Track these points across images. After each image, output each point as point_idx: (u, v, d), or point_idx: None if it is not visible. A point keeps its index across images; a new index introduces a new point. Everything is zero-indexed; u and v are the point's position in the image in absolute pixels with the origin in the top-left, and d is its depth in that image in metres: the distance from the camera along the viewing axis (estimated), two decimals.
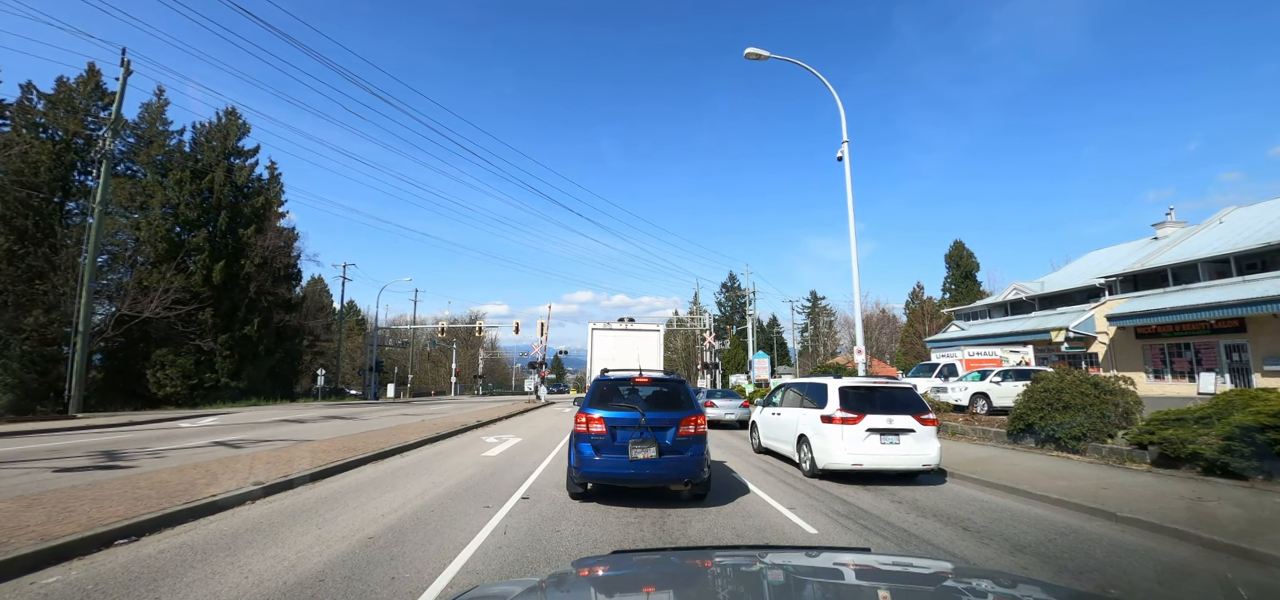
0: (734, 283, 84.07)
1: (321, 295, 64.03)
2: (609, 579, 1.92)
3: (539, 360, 39.24)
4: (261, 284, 36.16)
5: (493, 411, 24.16)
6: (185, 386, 32.12)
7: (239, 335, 34.35)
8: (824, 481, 8.75)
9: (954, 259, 72.34)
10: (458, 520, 5.94)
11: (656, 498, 7.12)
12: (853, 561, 2.08)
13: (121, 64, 24.80)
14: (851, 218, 14.66)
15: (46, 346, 28.19)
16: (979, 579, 2.00)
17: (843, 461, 8.37)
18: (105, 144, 24.51)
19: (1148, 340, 24.94)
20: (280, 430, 15.73)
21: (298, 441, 12.48)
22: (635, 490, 7.17)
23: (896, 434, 8.40)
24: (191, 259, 33.36)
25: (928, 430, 8.51)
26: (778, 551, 2.46)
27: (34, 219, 29.59)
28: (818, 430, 8.87)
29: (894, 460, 8.36)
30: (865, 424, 8.42)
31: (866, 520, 6.47)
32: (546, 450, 12.21)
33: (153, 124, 35.78)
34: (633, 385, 7.45)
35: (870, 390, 8.98)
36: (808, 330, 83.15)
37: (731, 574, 1.86)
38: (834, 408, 8.68)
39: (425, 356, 71.37)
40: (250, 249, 35.99)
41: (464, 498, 7.10)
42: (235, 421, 19.39)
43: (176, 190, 34.07)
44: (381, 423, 18.60)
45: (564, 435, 15.28)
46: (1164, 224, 31.86)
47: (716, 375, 47.02)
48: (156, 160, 34.79)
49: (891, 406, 8.63)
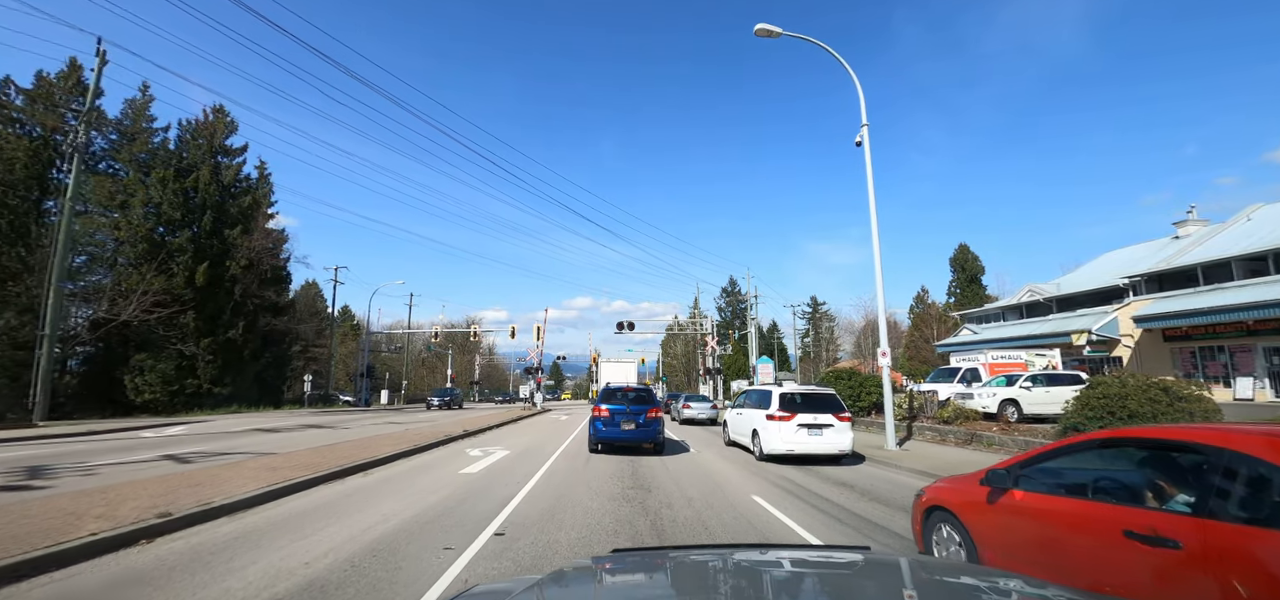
0: (734, 287, 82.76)
1: (315, 300, 62.73)
2: (609, 577, 1.91)
3: (535, 366, 37.45)
4: (248, 286, 34.81)
5: (483, 420, 22.78)
6: (166, 393, 30.74)
7: (223, 339, 32.99)
8: (768, 463, 11.38)
9: (959, 262, 71.11)
10: (401, 573, 4.59)
11: (634, 452, 12.34)
12: (851, 558, 2.09)
13: (97, 53, 23.68)
14: (873, 207, 13.36)
15: (18, 351, 26.85)
16: (981, 579, 1.91)
17: (780, 448, 11.18)
18: (77, 137, 23.30)
19: (1177, 343, 23.58)
20: (246, 441, 14.38)
21: (258, 455, 11.14)
22: (623, 446, 12.22)
23: (820, 428, 11.10)
24: (174, 260, 32.03)
25: (844, 425, 11.25)
26: (775, 549, 2.52)
27: (8, 218, 28.33)
28: (764, 426, 11.61)
29: (818, 447, 11.04)
30: (797, 421, 11.13)
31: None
32: (537, 463, 10.85)
33: (136, 120, 34.56)
34: (624, 391, 13.22)
35: (802, 396, 11.70)
36: (808, 335, 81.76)
37: (731, 570, 1.88)
38: (775, 409, 11.45)
39: (420, 362, 69.96)
40: (236, 250, 34.66)
41: (421, 535, 5.75)
42: (205, 431, 18.04)
43: (159, 189, 32.78)
44: (361, 432, 17.24)
45: (559, 446, 13.94)
46: (1185, 222, 30.57)
47: (719, 381, 45.53)
48: (139, 158, 33.52)
49: (817, 407, 11.32)
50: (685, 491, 8.36)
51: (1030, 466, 3.67)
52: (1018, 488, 3.61)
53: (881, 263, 13.29)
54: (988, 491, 3.78)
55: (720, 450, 13.67)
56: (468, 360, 72.63)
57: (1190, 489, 2.74)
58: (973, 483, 4.05)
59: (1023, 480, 3.63)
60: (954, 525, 4.05)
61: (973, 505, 3.90)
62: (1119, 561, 2.80)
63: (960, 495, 4.11)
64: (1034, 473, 3.63)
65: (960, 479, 4.42)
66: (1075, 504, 3.22)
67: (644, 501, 7.62)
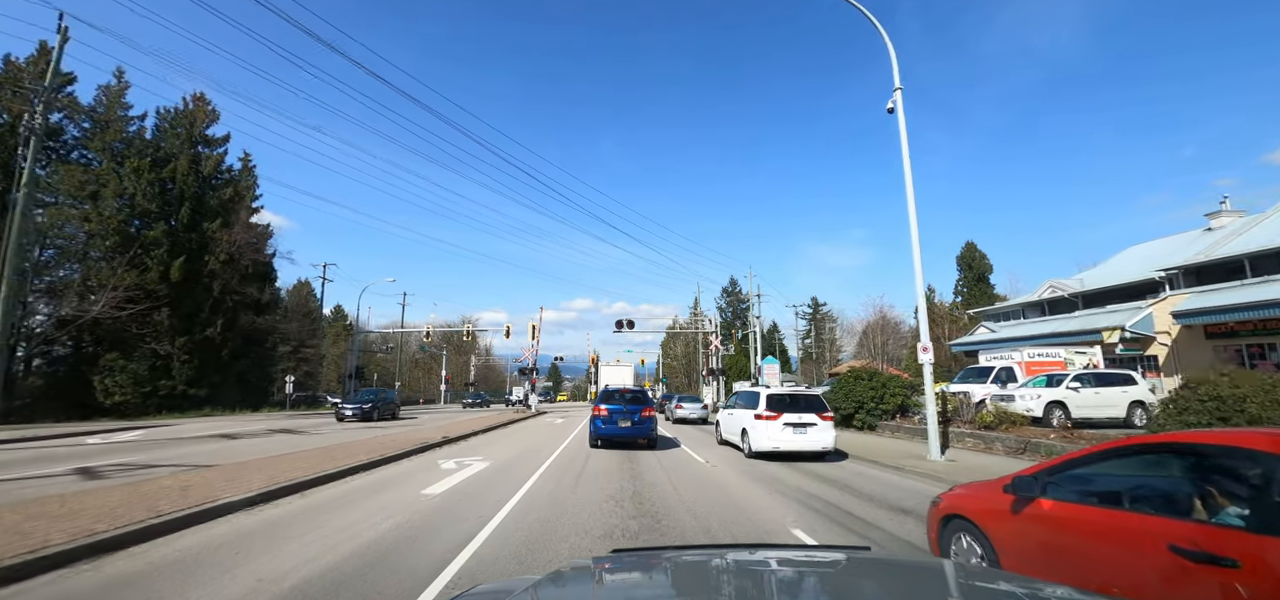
0: (735, 287, 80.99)
1: (308, 299, 61.09)
2: (608, 576, 1.89)
3: (530, 366, 35.37)
4: (228, 282, 33.06)
5: (468, 425, 21.03)
6: (138, 395, 28.98)
7: (200, 338, 31.26)
8: (756, 459, 11.81)
9: (966, 261, 69.50)
10: None
11: (629, 446, 13.30)
12: (849, 558, 2.07)
13: (58, 30, 21.96)
14: (909, 179, 11.66)
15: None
16: (983, 580, 1.91)
17: (767, 445, 11.60)
18: (34, 117, 21.56)
19: (1221, 340, 21.85)
20: (194, 450, 12.65)
21: (190, 469, 9.40)
22: (620, 442, 13.28)
23: (804, 427, 11.56)
24: (148, 254, 30.30)
25: (826, 424, 11.73)
26: (775, 549, 2.56)
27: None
28: (752, 425, 12.05)
29: (802, 444, 11.49)
30: (783, 420, 11.58)
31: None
32: (518, 480, 9.11)
33: (111, 107, 32.82)
34: (621, 392, 14.71)
35: (788, 396, 12.31)
36: (809, 337, 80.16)
37: (732, 570, 1.86)
38: (763, 409, 11.89)
39: (414, 363, 68.14)
40: (215, 244, 32.92)
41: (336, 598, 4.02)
42: (159, 437, 16.33)
43: (133, 179, 31.02)
44: (331, 439, 15.51)
45: (548, 456, 12.21)
46: (1218, 213, 28.92)
47: (721, 382, 43.71)
48: (113, 147, 31.78)
49: (801, 407, 11.83)
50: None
51: (1060, 473, 3.39)
52: (1046, 496, 3.29)
53: (918, 240, 11.57)
54: (1013, 499, 3.45)
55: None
56: (463, 361, 70.89)
57: (1246, 501, 2.44)
58: (995, 490, 3.70)
59: (1052, 488, 3.31)
60: (975, 535, 3.75)
61: (995, 514, 3.59)
62: (1163, 579, 2.53)
63: (981, 503, 3.80)
64: (1065, 480, 3.34)
65: (980, 485, 4.09)
66: (1112, 515, 2.94)
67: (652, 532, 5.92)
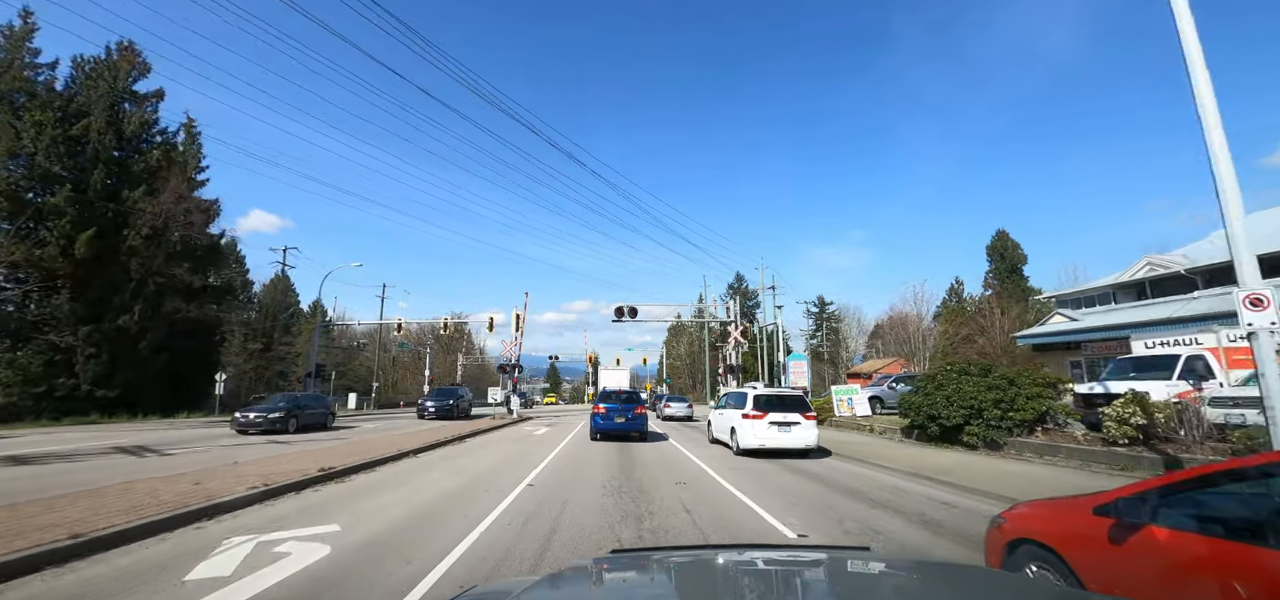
0: (741, 283, 75.61)
1: (286, 294, 55.90)
2: (607, 576, 1.88)
3: (511, 362, 29.52)
4: (149, 262, 27.49)
5: (417, 439, 15.46)
6: (27, 396, 23.41)
7: (112, 328, 25.70)
8: (744, 456, 12.72)
9: (997, 250, 64.31)
10: None
11: (624, 438, 15.69)
12: (849, 558, 2.06)
13: None
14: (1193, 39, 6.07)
15: None
16: (986, 580, 1.89)
17: (753, 443, 12.67)
18: None
19: None
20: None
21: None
22: (616, 435, 15.77)
23: (789, 425, 12.60)
24: (45, 224, 24.81)
25: (810, 423, 12.78)
26: (775, 549, 2.68)
27: None
28: (740, 423, 13.13)
29: (787, 442, 12.54)
30: (768, 419, 12.67)
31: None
32: (426, 564, 3.69)
33: (12, 52, 27.36)
34: (617, 392, 18.09)
35: (775, 397, 13.35)
36: (815, 336, 75.14)
37: (732, 570, 1.87)
38: (749, 408, 12.98)
39: (392, 362, 62.57)
40: (137, 217, 27.40)
41: None
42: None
43: (33, 135, 25.55)
44: (198, 460, 9.95)
45: (496, 505, 6.71)
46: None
47: (739, 380, 38.23)
48: (12, 97, 26.31)
49: (786, 407, 12.90)
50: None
51: (1177, 495, 2.55)
52: (1158, 523, 2.50)
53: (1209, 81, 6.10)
54: (1110, 524, 2.67)
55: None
56: (451, 361, 65.32)
57: None
58: (1081, 512, 2.91)
59: (1163, 513, 2.52)
60: (1053, 565, 2.92)
61: (1083, 540, 2.82)
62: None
63: (1062, 526, 3.00)
64: (1183, 504, 2.50)
65: (1057, 504, 3.27)
66: (1255, 553, 2.13)
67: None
